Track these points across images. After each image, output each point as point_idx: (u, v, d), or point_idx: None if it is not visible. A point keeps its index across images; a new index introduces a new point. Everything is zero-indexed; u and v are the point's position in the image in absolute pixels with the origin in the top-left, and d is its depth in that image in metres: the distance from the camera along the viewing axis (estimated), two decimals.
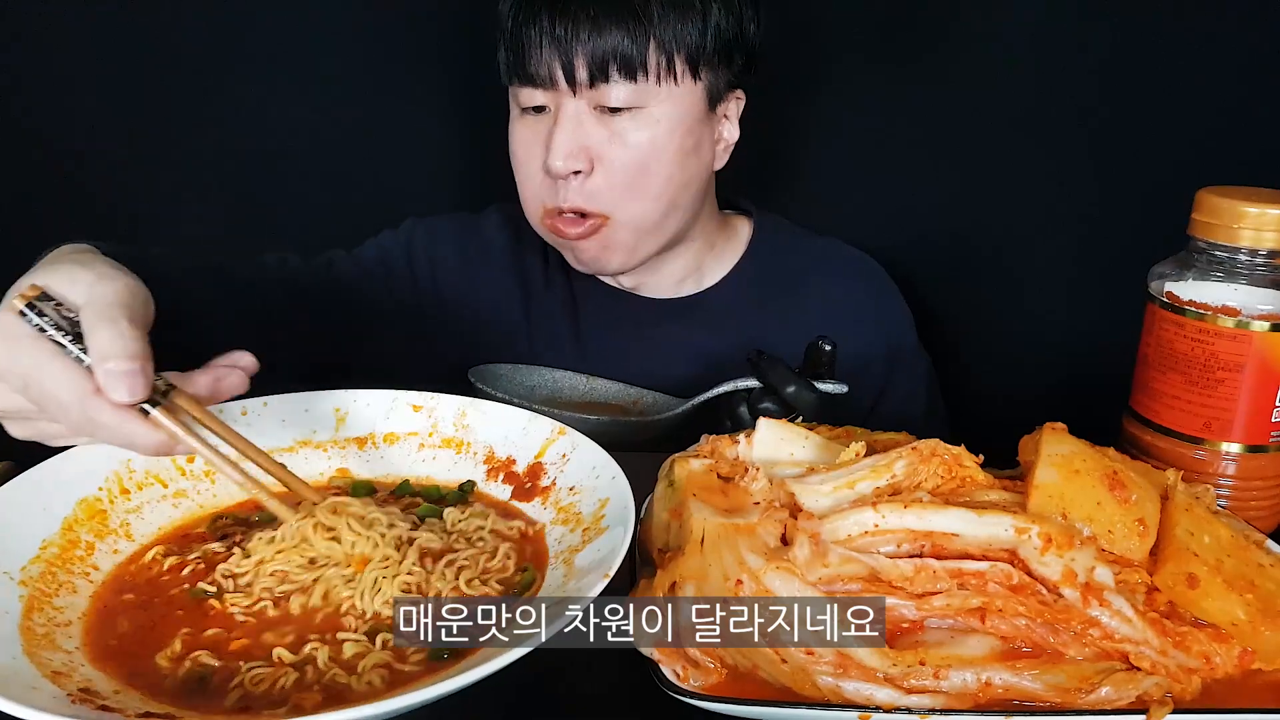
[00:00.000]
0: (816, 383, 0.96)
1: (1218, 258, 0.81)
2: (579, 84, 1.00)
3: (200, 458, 0.65)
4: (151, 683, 0.59)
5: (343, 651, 0.61)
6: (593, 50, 0.99)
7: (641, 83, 1.00)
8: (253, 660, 0.60)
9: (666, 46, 1.00)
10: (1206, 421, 0.81)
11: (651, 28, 0.99)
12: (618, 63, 0.99)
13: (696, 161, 1.08)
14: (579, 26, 0.98)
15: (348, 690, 0.58)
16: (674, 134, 1.03)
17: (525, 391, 1.13)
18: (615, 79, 1.00)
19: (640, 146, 1.03)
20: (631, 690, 0.62)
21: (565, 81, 1.00)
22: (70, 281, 0.63)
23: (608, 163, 1.03)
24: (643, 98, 1.01)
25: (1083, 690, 0.58)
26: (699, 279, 1.21)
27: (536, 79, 1.01)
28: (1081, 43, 1.20)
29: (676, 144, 1.04)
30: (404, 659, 0.61)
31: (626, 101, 1.01)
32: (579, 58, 0.99)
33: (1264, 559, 0.67)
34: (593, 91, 1.01)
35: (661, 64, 1.00)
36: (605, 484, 0.73)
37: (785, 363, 0.97)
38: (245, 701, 0.57)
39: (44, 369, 0.60)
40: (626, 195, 1.05)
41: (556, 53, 0.99)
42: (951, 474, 0.69)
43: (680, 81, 1.02)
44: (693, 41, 1.01)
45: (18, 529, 0.68)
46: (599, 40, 0.98)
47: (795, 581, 0.59)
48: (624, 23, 0.98)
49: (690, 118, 1.04)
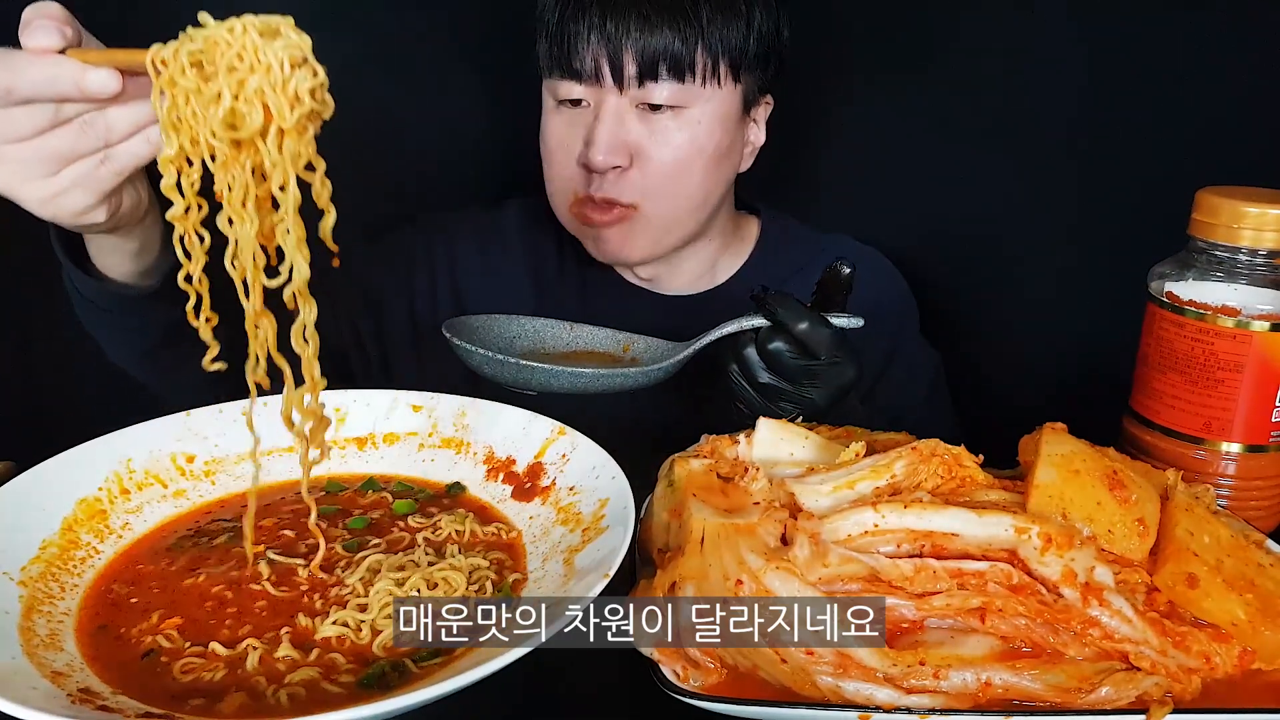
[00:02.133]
0: (831, 317, 0.89)
1: (1218, 258, 0.81)
2: (626, 81, 1.00)
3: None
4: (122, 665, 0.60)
5: (275, 654, 0.61)
6: (643, 48, 0.98)
7: (688, 83, 1.01)
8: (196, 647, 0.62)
9: (713, 48, 1.00)
10: (1206, 421, 0.81)
11: (701, 28, 0.99)
12: (667, 62, 0.99)
13: (728, 163, 1.10)
14: (630, 23, 0.98)
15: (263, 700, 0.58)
16: (712, 135, 1.04)
17: (504, 344, 1.03)
18: (663, 78, 1.00)
19: (681, 146, 1.03)
20: (631, 690, 0.62)
21: (612, 78, 1.00)
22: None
23: (646, 159, 1.04)
24: (686, 98, 1.02)
25: (1083, 690, 0.58)
26: (712, 276, 1.22)
27: (582, 74, 1.01)
28: (1084, 43, 1.20)
29: (714, 145, 1.05)
30: (332, 678, 0.60)
31: (670, 100, 1.01)
32: (628, 55, 0.99)
33: (1264, 559, 0.67)
34: (639, 90, 1.01)
35: (707, 65, 1.01)
36: (605, 484, 0.73)
37: (795, 297, 0.90)
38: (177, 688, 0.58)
39: None
40: (660, 191, 1.06)
41: (605, 49, 0.99)
42: (951, 474, 0.69)
43: (723, 84, 1.03)
44: (736, 44, 1.01)
45: (18, 529, 0.68)
46: (649, 38, 0.98)
47: (795, 581, 0.59)
48: (674, 22, 0.98)
49: (728, 120, 1.05)
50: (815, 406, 0.90)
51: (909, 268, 1.29)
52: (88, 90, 0.63)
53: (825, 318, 0.89)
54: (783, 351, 0.89)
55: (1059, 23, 1.21)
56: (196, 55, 0.60)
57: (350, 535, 0.74)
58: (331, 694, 0.58)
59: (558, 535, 0.73)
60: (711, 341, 0.93)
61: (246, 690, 0.58)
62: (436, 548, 0.73)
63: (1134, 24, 1.17)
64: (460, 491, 0.82)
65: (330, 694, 0.58)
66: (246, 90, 0.59)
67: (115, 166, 0.67)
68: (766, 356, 0.89)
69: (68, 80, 0.63)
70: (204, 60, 0.60)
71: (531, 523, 0.76)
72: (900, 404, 1.18)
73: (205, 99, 0.60)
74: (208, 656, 0.61)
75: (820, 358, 0.88)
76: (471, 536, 0.74)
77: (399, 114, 1.37)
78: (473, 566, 0.70)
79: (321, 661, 0.61)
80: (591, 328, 1.05)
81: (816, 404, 0.90)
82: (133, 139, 0.66)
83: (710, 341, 0.93)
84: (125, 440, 0.78)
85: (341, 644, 0.63)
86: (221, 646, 0.62)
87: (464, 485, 0.82)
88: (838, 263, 0.92)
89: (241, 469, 0.82)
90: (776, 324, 0.89)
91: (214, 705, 0.57)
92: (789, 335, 0.88)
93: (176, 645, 0.62)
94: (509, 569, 0.71)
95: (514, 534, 0.76)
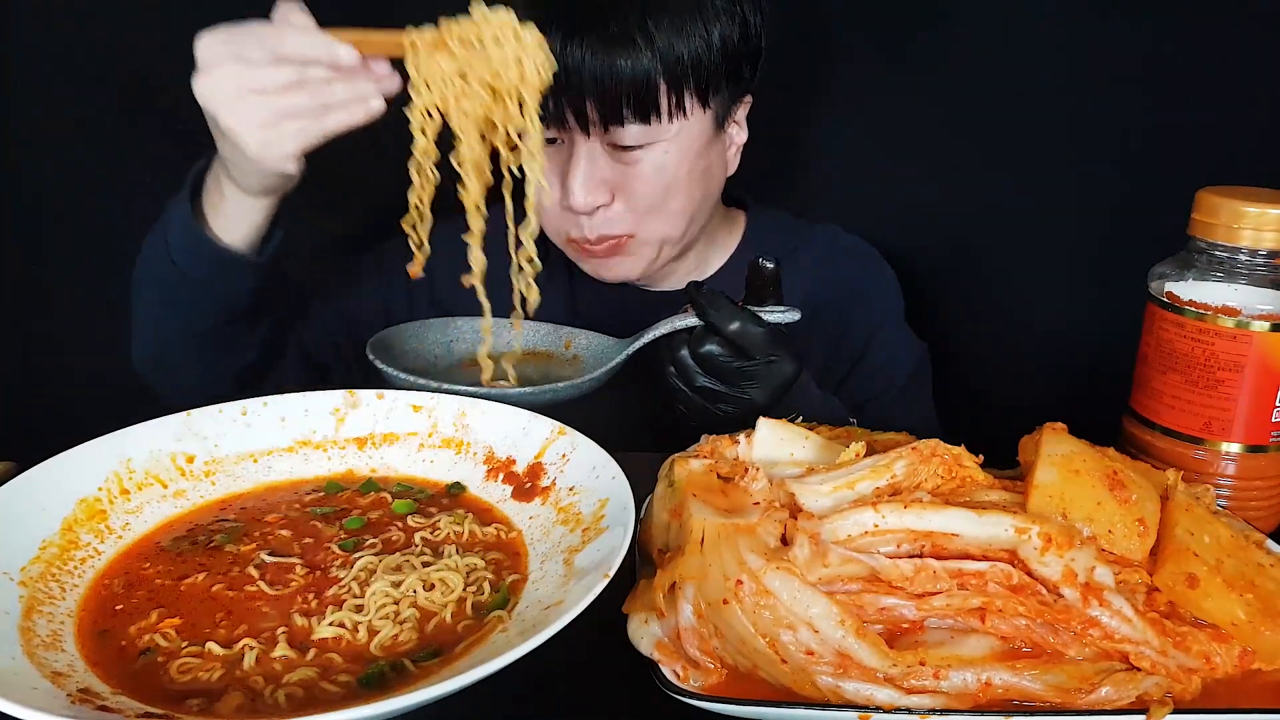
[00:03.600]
0: (763, 311, 0.88)
1: (1218, 258, 0.81)
2: (591, 125, 0.99)
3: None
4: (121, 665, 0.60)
5: (272, 654, 0.61)
6: (603, 93, 0.96)
7: (655, 123, 1.00)
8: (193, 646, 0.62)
9: (675, 82, 0.98)
10: (1206, 421, 0.81)
11: (659, 60, 0.96)
12: (630, 106, 0.98)
13: (713, 175, 1.10)
14: (585, 68, 0.95)
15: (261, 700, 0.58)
16: (685, 159, 1.04)
17: (442, 350, 0.99)
18: (629, 121, 0.99)
19: (659, 177, 1.03)
20: (631, 690, 0.62)
21: (577, 124, 0.99)
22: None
23: (627, 193, 1.04)
24: (655, 134, 1.01)
25: (1083, 690, 0.58)
26: (701, 271, 1.22)
27: (547, 119, 0.98)
28: (1083, 43, 1.20)
29: (689, 168, 1.05)
30: (330, 678, 0.60)
31: (639, 140, 1.00)
32: (589, 102, 0.97)
33: (1264, 559, 0.67)
34: (605, 134, 1.00)
35: (672, 101, 0.99)
36: (605, 484, 0.73)
37: (726, 296, 0.88)
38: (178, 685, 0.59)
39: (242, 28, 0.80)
40: (649, 217, 1.06)
41: (566, 97, 0.96)
42: (951, 474, 0.69)
43: (690, 114, 1.02)
44: (701, 69, 0.99)
45: (18, 529, 0.68)
46: (610, 83, 0.96)
47: (795, 581, 0.59)
48: (630, 59, 0.95)
49: (700, 142, 1.05)
50: (755, 405, 0.88)
51: (908, 266, 1.29)
52: (337, 60, 0.79)
53: (758, 315, 0.87)
54: (716, 355, 0.88)
55: (1058, 19, 1.21)
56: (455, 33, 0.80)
57: (347, 535, 0.74)
58: (330, 694, 0.58)
59: (558, 535, 0.73)
60: (648, 341, 0.92)
61: (244, 690, 0.58)
62: (434, 548, 0.73)
63: (1134, 22, 1.17)
64: (460, 491, 0.82)
65: (329, 694, 0.58)
66: (506, 55, 0.80)
67: (326, 127, 0.82)
68: (700, 359, 0.88)
69: (323, 50, 0.79)
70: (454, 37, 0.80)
71: (531, 523, 0.76)
72: (874, 390, 1.18)
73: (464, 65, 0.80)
74: (204, 656, 0.61)
75: (755, 358, 0.87)
76: (470, 537, 0.74)
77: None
78: (470, 567, 0.70)
79: (319, 661, 0.61)
80: (532, 324, 1.02)
81: (756, 402, 0.89)
82: (349, 106, 0.81)
83: (647, 341, 0.92)
84: (125, 440, 0.78)
85: (338, 644, 0.63)
86: (218, 646, 0.62)
87: (464, 485, 0.82)
88: (760, 259, 0.91)
89: (241, 469, 0.82)
90: (709, 325, 0.87)
91: (212, 705, 0.57)
92: (721, 337, 0.87)
93: (173, 645, 0.62)
94: (508, 569, 0.71)
95: (514, 534, 0.75)
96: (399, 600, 0.66)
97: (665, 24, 0.96)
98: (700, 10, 0.98)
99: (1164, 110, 1.16)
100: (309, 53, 0.79)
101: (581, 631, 0.57)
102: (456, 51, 0.80)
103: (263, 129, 0.81)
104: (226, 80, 0.80)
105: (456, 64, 0.81)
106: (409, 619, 0.65)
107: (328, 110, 0.81)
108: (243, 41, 0.80)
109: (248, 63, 0.79)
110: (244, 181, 0.89)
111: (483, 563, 0.71)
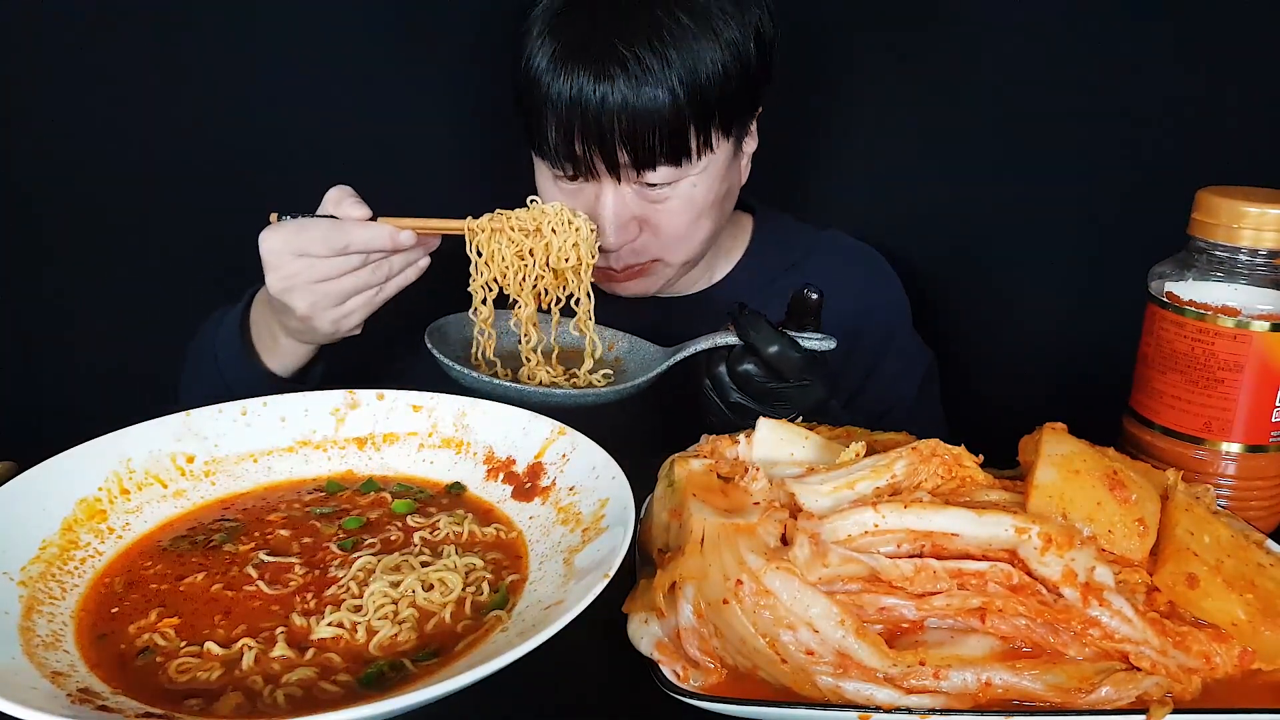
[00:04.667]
0: (801, 337, 0.90)
1: (1218, 258, 0.81)
2: (623, 171, 0.99)
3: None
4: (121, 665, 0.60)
5: (270, 654, 0.61)
6: (635, 141, 0.96)
7: (685, 165, 1.00)
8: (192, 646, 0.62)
9: (702, 121, 0.98)
10: (1206, 421, 0.81)
11: (686, 100, 0.95)
12: (663, 150, 0.97)
13: (730, 197, 1.11)
14: (619, 119, 0.95)
15: (259, 700, 0.58)
16: (713, 190, 1.04)
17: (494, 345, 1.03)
18: (660, 163, 0.99)
19: (683, 212, 1.03)
20: (631, 690, 0.62)
21: (608, 171, 0.99)
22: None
23: (654, 226, 1.04)
24: (683, 173, 1.01)
25: (1083, 690, 0.58)
26: (709, 276, 1.22)
27: (576, 165, 0.99)
28: (1083, 44, 1.20)
29: (715, 196, 1.05)
30: (329, 678, 0.60)
31: (667, 179, 1.00)
32: (621, 151, 0.97)
33: (1264, 559, 0.67)
34: (636, 176, 1.00)
35: (700, 140, 0.99)
36: (605, 484, 0.73)
37: (768, 319, 0.90)
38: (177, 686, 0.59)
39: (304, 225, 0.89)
40: (675, 244, 1.07)
41: (598, 146, 0.97)
42: (951, 474, 0.69)
43: (717, 148, 1.02)
44: (725, 97, 0.98)
45: (18, 529, 0.68)
46: (639, 127, 0.95)
47: (795, 581, 0.59)
48: (659, 101, 0.94)
49: (723, 170, 1.05)
50: None
51: (908, 266, 1.29)
52: (400, 244, 0.90)
53: (796, 341, 0.89)
54: (752, 374, 0.90)
55: (1060, 22, 1.21)
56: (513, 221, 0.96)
57: (346, 535, 0.74)
58: (329, 694, 0.58)
59: (558, 535, 0.73)
60: (688, 356, 0.95)
61: (243, 690, 0.58)
62: (433, 548, 0.73)
63: (1134, 23, 1.17)
64: (460, 491, 0.82)
65: (328, 694, 0.58)
66: (565, 241, 0.96)
67: (386, 293, 0.93)
68: (736, 377, 0.91)
69: (386, 238, 0.89)
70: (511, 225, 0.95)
71: (531, 523, 0.76)
72: (887, 404, 1.18)
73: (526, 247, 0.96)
74: (203, 656, 0.61)
75: (789, 380, 0.90)
76: (470, 537, 0.74)
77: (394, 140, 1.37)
78: (469, 567, 0.70)
79: (317, 661, 0.61)
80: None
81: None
82: (404, 272, 0.93)
83: (687, 356, 0.95)
84: (125, 440, 0.78)
85: (337, 644, 0.63)
86: (216, 646, 0.62)
87: (464, 485, 0.82)
88: (805, 289, 0.93)
89: (241, 469, 0.82)
90: (748, 345, 0.90)
91: (211, 705, 0.57)
92: (759, 358, 0.89)
93: (172, 644, 0.62)
94: (507, 569, 0.71)
95: (514, 534, 0.75)
96: (397, 600, 0.66)
97: (689, 61, 0.95)
98: (716, 38, 0.97)
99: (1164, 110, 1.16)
100: (375, 244, 0.89)
101: (581, 631, 0.57)
102: (516, 237, 0.95)
103: (333, 309, 0.91)
104: (297, 276, 0.89)
105: (516, 247, 0.95)
106: (408, 619, 0.65)
107: (389, 280, 0.92)
108: (307, 239, 0.88)
109: (315, 258, 0.88)
110: (304, 338, 0.98)
111: (482, 563, 0.71)
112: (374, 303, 0.93)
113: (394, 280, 0.92)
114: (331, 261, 0.88)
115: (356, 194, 0.91)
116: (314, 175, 1.34)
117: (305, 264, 0.88)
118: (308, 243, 0.88)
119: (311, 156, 1.36)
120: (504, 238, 0.95)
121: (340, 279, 0.89)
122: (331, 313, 0.91)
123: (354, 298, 0.91)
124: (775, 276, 1.20)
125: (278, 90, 1.34)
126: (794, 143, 1.37)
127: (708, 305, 1.20)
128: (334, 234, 0.88)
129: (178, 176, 1.36)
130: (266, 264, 0.90)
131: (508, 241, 0.95)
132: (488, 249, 0.95)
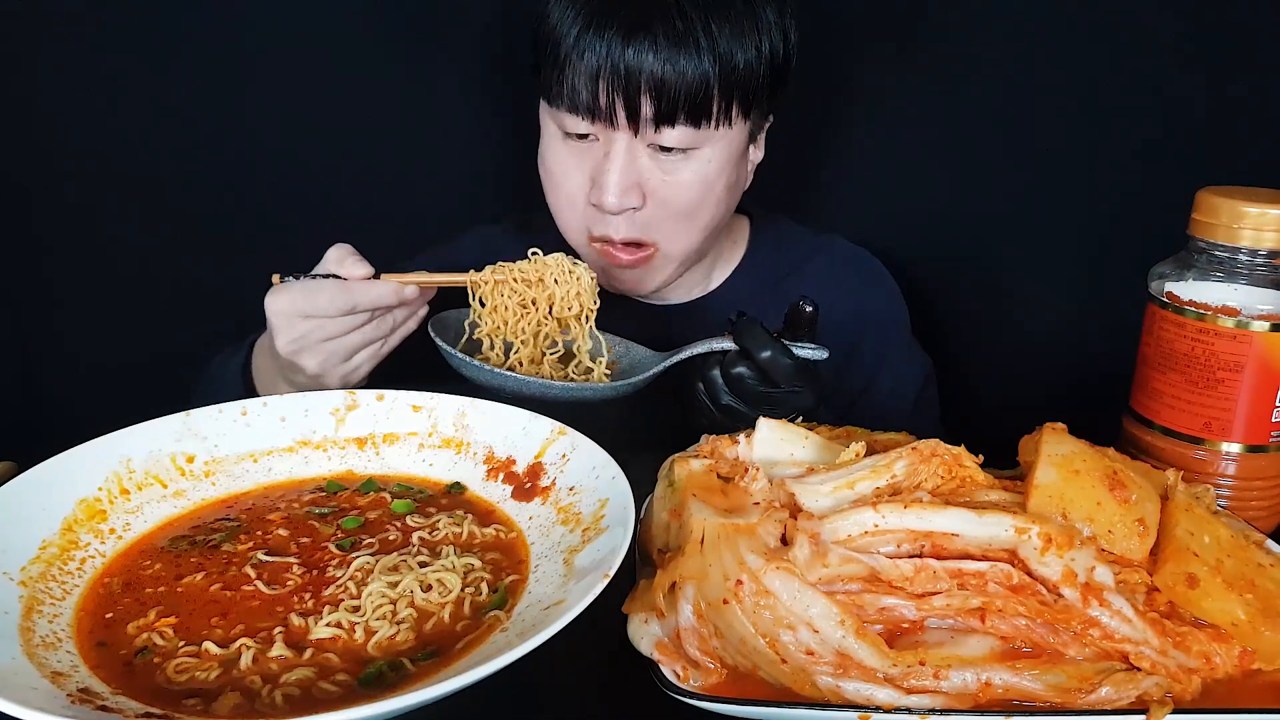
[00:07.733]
0: (795, 346, 0.91)
1: (1218, 258, 0.81)
2: (642, 124, 0.98)
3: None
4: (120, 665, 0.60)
5: (269, 654, 0.61)
6: (661, 90, 0.95)
7: (704, 128, 0.99)
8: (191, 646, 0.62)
9: (727, 90, 0.98)
10: (1206, 421, 0.81)
11: (717, 60, 0.95)
12: (685, 106, 0.97)
13: (736, 192, 1.10)
14: (646, 59, 0.94)
15: (258, 700, 0.58)
16: (722, 173, 1.04)
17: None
18: (680, 122, 0.98)
19: (693, 186, 1.03)
20: (631, 690, 0.62)
21: (627, 120, 0.98)
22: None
23: (660, 199, 1.03)
24: (699, 140, 1.00)
25: (1083, 690, 0.58)
26: (706, 283, 1.22)
27: (595, 113, 0.98)
28: (1083, 44, 1.21)
29: (724, 181, 1.05)
30: (328, 678, 0.60)
31: (681, 143, 0.99)
32: (645, 97, 0.96)
33: (1264, 559, 0.67)
34: (653, 133, 0.99)
35: (722, 106, 0.99)
36: (605, 484, 0.73)
37: (764, 326, 0.92)
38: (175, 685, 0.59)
39: (310, 287, 0.91)
40: (677, 228, 1.06)
41: (620, 89, 0.95)
42: (951, 474, 0.69)
43: (734, 124, 1.02)
44: (750, 76, 0.99)
45: (18, 529, 0.68)
46: (668, 77, 0.94)
47: (795, 582, 0.59)
48: (692, 60, 0.95)
49: (735, 154, 1.05)
50: None
51: (907, 267, 1.29)
52: (406, 300, 0.94)
53: (789, 348, 0.91)
54: (745, 377, 0.91)
55: (1059, 22, 1.21)
56: (515, 273, 0.98)
57: (344, 535, 0.74)
58: (328, 694, 0.58)
59: (557, 535, 0.73)
60: (684, 358, 0.96)
61: (241, 690, 0.58)
62: (432, 548, 0.73)
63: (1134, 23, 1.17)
64: (460, 491, 0.82)
65: (327, 694, 0.58)
66: (568, 291, 0.99)
67: (391, 345, 0.97)
68: (729, 380, 0.92)
69: (391, 295, 0.93)
70: (515, 277, 0.98)
71: (531, 523, 0.76)
72: (885, 414, 1.18)
73: (529, 297, 0.98)
74: (201, 656, 0.61)
75: (780, 386, 0.91)
76: (469, 537, 0.74)
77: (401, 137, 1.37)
78: (468, 567, 0.70)
79: (315, 661, 0.61)
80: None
81: None
82: (407, 323, 0.96)
83: (683, 358, 0.96)
84: (125, 440, 0.78)
85: (335, 644, 0.63)
86: (215, 646, 0.62)
87: (464, 485, 0.82)
88: (801, 302, 0.95)
89: (241, 469, 0.82)
90: (742, 350, 0.92)
91: (210, 705, 0.57)
92: (752, 362, 0.91)
93: (170, 644, 0.62)
94: (507, 570, 0.71)
95: (513, 534, 0.75)
96: (395, 600, 0.66)
97: (727, 30, 0.96)
98: (756, 21, 0.98)
99: (1164, 110, 1.16)
100: (381, 302, 0.92)
101: (581, 631, 0.57)
102: (519, 288, 0.98)
103: (341, 365, 0.94)
104: (306, 337, 0.91)
105: (519, 296, 0.98)
106: (406, 619, 0.65)
107: (394, 332, 0.96)
108: (312, 301, 0.90)
109: (321, 318, 0.91)
110: (310, 388, 0.97)
111: (480, 563, 0.71)
112: (380, 354, 0.96)
113: (398, 331, 0.96)
114: (339, 321, 0.91)
115: (358, 252, 0.94)
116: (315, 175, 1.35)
117: (313, 325, 0.91)
118: (315, 305, 0.90)
119: (312, 157, 1.36)
120: (507, 288, 0.98)
121: (347, 336, 0.92)
122: (341, 369, 0.94)
123: (361, 352, 0.94)
124: (772, 284, 1.20)
125: (279, 89, 1.34)
126: (795, 146, 1.37)
127: (704, 313, 1.20)
128: (340, 295, 0.90)
129: (179, 176, 1.37)
130: (274, 327, 0.91)
131: (509, 292, 0.98)
132: (491, 300, 0.98)
